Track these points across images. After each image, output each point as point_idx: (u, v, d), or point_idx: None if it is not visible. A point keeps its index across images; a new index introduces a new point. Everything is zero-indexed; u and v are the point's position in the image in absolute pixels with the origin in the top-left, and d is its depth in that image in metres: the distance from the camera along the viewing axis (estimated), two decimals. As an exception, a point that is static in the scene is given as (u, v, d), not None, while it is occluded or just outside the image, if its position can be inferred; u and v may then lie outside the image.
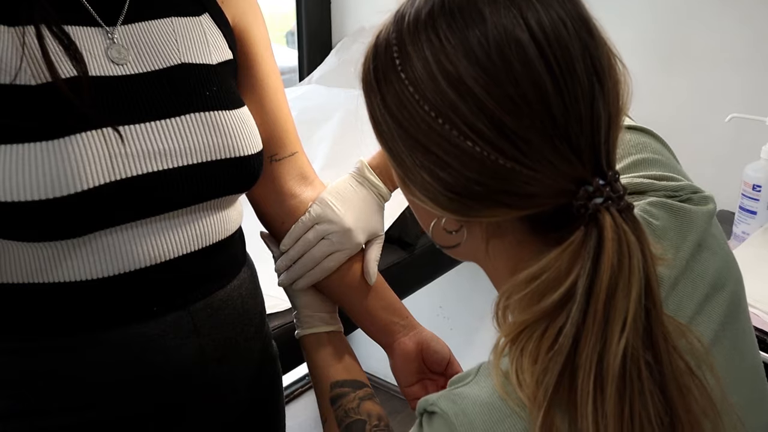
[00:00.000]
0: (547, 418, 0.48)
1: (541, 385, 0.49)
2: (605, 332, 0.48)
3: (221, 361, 0.79)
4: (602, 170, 0.51)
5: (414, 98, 0.52)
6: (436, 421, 0.53)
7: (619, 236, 0.49)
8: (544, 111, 0.49)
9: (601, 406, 0.48)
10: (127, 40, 0.73)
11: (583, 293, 0.49)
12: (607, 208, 0.50)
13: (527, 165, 0.50)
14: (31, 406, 0.72)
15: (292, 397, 2.48)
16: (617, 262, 0.49)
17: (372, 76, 0.56)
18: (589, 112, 0.50)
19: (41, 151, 0.63)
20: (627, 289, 0.49)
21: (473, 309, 2.20)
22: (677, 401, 0.50)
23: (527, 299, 0.52)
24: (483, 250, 0.59)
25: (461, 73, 0.50)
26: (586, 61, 0.50)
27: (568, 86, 0.49)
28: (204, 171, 0.73)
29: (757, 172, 1.31)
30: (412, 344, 0.90)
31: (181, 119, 0.72)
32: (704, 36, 1.55)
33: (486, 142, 0.50)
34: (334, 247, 0.87)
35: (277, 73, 0.89)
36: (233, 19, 0.84)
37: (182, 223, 0.74)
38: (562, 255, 0.50)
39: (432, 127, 0.51)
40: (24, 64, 0.64)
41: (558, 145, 0.49)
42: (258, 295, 0.89)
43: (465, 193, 0.52)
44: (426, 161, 0.53)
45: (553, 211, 0.52)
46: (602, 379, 0.48)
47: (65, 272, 0.69)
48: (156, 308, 0.73)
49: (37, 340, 0.71)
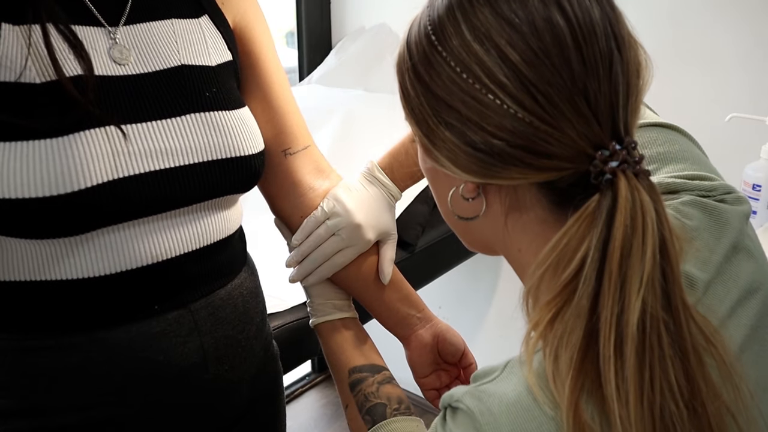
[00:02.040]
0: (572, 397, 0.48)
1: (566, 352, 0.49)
2: (622, 293, 0.49)
3: (222, 360, 0.79)
4: (619, 135, 0.52)
5: (441, 56, 0.54)
6: (461, 417, 0.53)
7: (634, 197, 0.49)
8: (563, 64, 0.50)
9: (621, 369, 0.48)
10: (129, 40, 0.73)
11: (596, 254, 0.49)
12: (623, 171, 0.50)
13: (546, 120, 0.50)
14: (31, 405, 0.72)
15: (293, 397, 2.48)
16: (630, 222, 0.49)
17: (405, 50, 0.58)
18: (608, 72, 0.51)
19: (45, 148, 0.63)
20: (642, 248, 0.49)
21: (473, 309, 2.20)
22: (696, 370, 0.50)
23: (551, 275, 0.51)
24: (502, 225, 0.58)
25: (488, 28, 0.52)
26: (606, 27, 0.52)
27: (588, 44, 0.51)
28: (205, 170, 0.73)
29: (757, 172, 1.32)
30: (429, 336, 0.90)
31: (182, 119, 0.72)
32: (704, 36, 1.55)
33: (506, 93, 0.51)
34: (343, 243, 0.87)
35: (282, 70, 0.89)
36: (234, 20, 0.84)
37: (183, 222, 0.74)
38: (578, 221, 0.50)
39: (456, 82, 0.53)
40: (29, 63, 0.64)
41: (576, 102, 0.50)
42: (259, 294, 0.89)
43: (484, 148, 0.52)
44: (449, 118, 0.54)
45: (573, 181, 0.52)
46: (622, 342, 0.48)
47: (66, 270, 0.69)
48: (157, 306, 0.74)
49: (37, 338, 0.71)
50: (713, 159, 0.68)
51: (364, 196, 0.88)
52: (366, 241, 0.87)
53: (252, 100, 0.85)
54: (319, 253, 0.87)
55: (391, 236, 0.91)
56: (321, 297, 0.90)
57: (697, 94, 1.58)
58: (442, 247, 1.53)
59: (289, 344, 1.11)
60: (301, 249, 0.88)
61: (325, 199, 0.87)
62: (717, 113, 1.49)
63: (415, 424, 0.80)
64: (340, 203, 0.86)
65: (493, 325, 2.17)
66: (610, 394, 0.48)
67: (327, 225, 0.86)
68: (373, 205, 0.88)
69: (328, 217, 0.86)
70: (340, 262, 0.88)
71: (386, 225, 0.90)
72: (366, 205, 0.88)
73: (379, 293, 0.90)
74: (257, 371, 0.87)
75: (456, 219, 0.61)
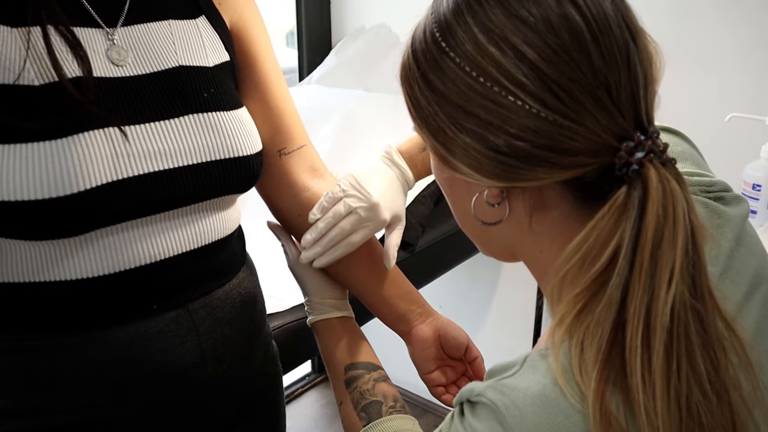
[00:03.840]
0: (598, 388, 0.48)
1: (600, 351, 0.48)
2: (652, 283, 0.48)
3: (221, 359, 0.79)
4: (643, 125, 0.51)
5: (455, 62, 0.53)
6: (482, 410, 0.52)
7: (664, 185, 0.49)
8: (583, 59, 0.50)
9: (647, 360, 0.48)
10: (127, 41, 0.73)
11: (629, 244, 0.49)
12: (650, 161, 0.50)
13: (569, 116, 0.50)
14: (30, 406, 0.72)
15: (293, 397, 2.48)
16: (662, 211, 0.49)
17: (411, 59, 0.57)
18: (626, 63, 0.51)
19: (44, 150, 0.63)
20: (673, 237, 0.49)
21: (473, 309, 2.20)
22: (721, 359, 0.50)
23: (577, 269, 0.51)
24: (526, 228, 0.58)
25: (502, 28, 0.51)
26: (619, 19, 0.52)
27: (605, 36, 0.51)
28: (204, 171, 0.73)
29: (757, 172, 1.32)
30: (430, 331, 0.90)
31: (180, 120, 0.72)
32: (704, 36, 1.55)
33: (527, 93, 0.50)
34: (361, 222, 0.86)
35: (279, 70, 0.89)
36: (231, 20, 0.84)
37: (182, 223, 0.74)
38: (608, 214, 0.50)
39: (473, 87, 0.52)
40: (27, 64, 0.64)
41: (599, 95, 0.50)
42: (258, 294, 0.89)
43: (508, 152, 0.52)
44: (468, 124, 0.53)
45: (597, 175, 0.52)
46: (649, 333, 0.48)
47: (66, 271, 0.69)
48: (156, 306, 0.74)
49: (36, 338, 0.71)
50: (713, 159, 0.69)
51: (382, 176, 0.88)
52: (382, 220, 0.86)
53: (249, 100, 0.85)
54: (337, 230, 0.85)
55: (400, 221, 0.90)
56: (318, 295, 0.90)
57: (697, 94, 1.58)
58: (442, 247, 1.53)
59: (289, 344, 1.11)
60: (319, 226, 0.86)
61: (343, 178, 0.87)
62: (717, 113, 1.49)
63: (410, 423, 0.80)
64: (358, 181, 0.86)
65: (494, 324, 2.17)
66: (635, 385, 0.48)
67: (345, 202, 0.85)
68: (389, 186, 0.88)
69: (346, 195, 0.85)
70: (357, 241, 0.86)
71: (399, 208, 0.89)
72: (383, 186, 0.87)
73: (378, 289, 0.90)
74: (257, 371, 0.87)
75: (477, 226, 0.60)
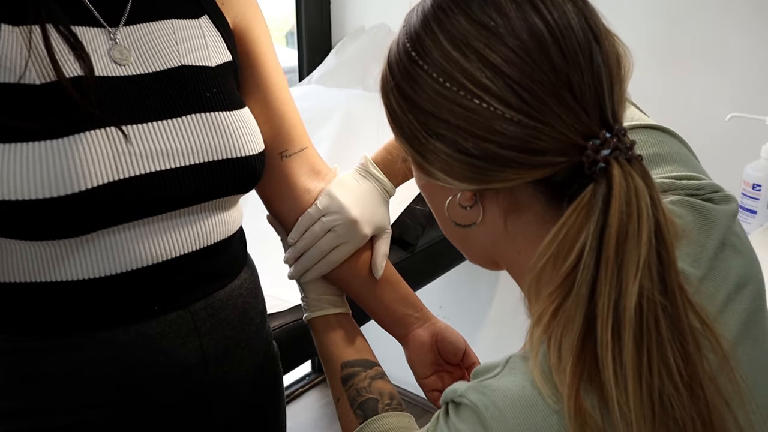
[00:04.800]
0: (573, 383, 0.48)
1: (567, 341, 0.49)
2: (620, 278, 0.49)
3: (222, 360, 0.79)
4: (608, 123, 0.52)
5: (423, 69, 0.55)
6: (464, 412, 0.53)
7: (627, 182, 0.50)
8: (544, 59, 0.51)
9: (619, 354, 0.48)
10: (129, 41, 0.73)
11: (594, 242, 0.50)
12: (615, 158, 0.50)
13: (534, 117, 0.51)
14: (31, 406, 0.72)
15: (293, 398, 2.48)
16: (626, 207, 0.49)
17: (387, 70, 0.59)
18: (589, 64, 0.52)
19: (46, 150, 0.63)
20: (637, 232, 0.49)
21: (473, 309, 2.20)
22: (694, 353, 0.50)
23: (551, 267, 0.52)
24: (501, 230, 0.59)
25: (465, 35, 0.53)
26: (581, 20, 0.53)
27: (565, 38, 0.52)
28: (206, 171, 0.73)
29: (757, 171, 1.32)
30: (427, 335, 0.90)
31: (182, 120, 0.72)
32: (704, 35, 1.55)
33: (492, 95, 0.51)
34: (339, 240, 0.86)
35: (281, 71, 0.89)
36: (233, 20, 0.84)
37: (184, 223, 0.74)
38: (575, 212, 0.51)
39: (441, 93, 0.54)
40: (29, 64, 0.64)
41: (562, 95, 0.51)
42: (258, 295, 0.89)
43: (477, 154, 0.53)
44: (439, 129, 0.54)
45: (567, 174, 0.52)
46: (619, 327, 0.49)
47: (67, 271, 0.69)
48: (157, 307, 0.73)
49: (37, 339, 0.71)
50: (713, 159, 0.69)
51: (359, 191, 0.88)
52: (362, 236, 0.87)
53: (251, 101, 0.85)
54: (315, 250, 0.87)
55: (385, 231, 0.91)
56: (315, 292, 0.90)
57: (697, 94, 1.58)
58: (442, 247, 1.53)
59: (289, 344, 1.11)
60: (297, 246, 0.88)
61: (320, 196, 0.87)
62: (717, 113, 1.49)
63: (406, 420, 0.80)
64: (334, 200, 0.86)
65: (493, 325, 2.17)
66: (608, 380, 0.48)
67: (322, 222, 0.86)
68: (367, 200, 0.88)
69: (323, 214, 0.86)
70: (337, 259, 0.88)
71: (381, 220, 0.90)
72: (361, 201, 0.87)
73: (375, 293, 0.90)
74: (257, 372, 0.87)
75: (458, 231, 0.61)
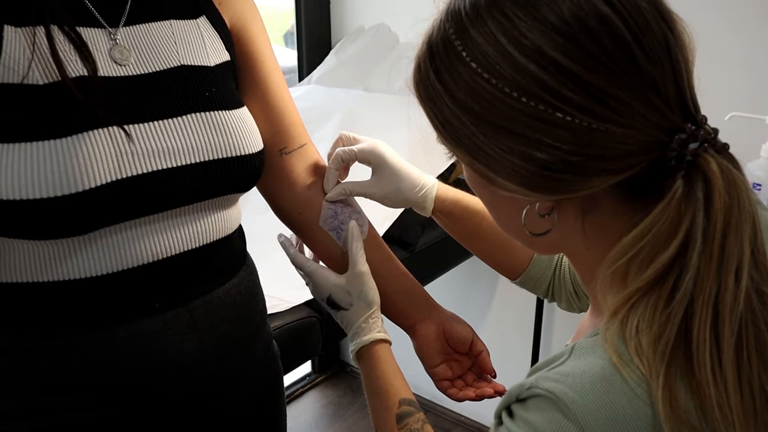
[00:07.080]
0: (666, 383, 0.47)
1: (660, 343, 0.48)
2: (719, 275, 0.48)
3: (221, 358, 0.79)
4: (692, 115, 0.51)
5: (491, 83, 0.51)
6: (537, 403, 0.50)
7: (725, 174, 0.49)
8: (628, 63, 0.49)
9: (717, 354, 0.47)
10: (129, 41, 0.73)
11: (698, 234, 0.48)
12: (705, 151, 0.49)
13: (620, 123, 0.49)
14: (32, 405, 0.72)
15: (293, 397, 2.48)
16: (728, 200, 0.48)
17: (433, 77, 0.55)
18: (668, 57, 0.50)
19: (49, 149, 0.63)
20: (739, 227, 0.48)
21: (473, 309, 2.20)
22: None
23: (638, 262, 0.50)
24: (579, 230, 0.57)
25: (538, 43, 0.49)
26: (652, 10, 0.51)
27: (645, 34, 0.49)
28: (206, 169, 0.73)
29: (757, 171, 1.32)
30: (434, 325, 0.90)
31: (183, 119, 0.72)
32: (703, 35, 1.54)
33: (575, 108, 0.49)
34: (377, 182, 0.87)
35: (279, 70, 0.89)
36: (231, 20, 0.84)
37: (184, 221, 0.74)
38: (668, 207, 0.49)
39: (515, 108, 0.50)
40: (32, 64, 0.64)
41: (648, 96, 0.49)
42: (258, 294, 0.89)
43: (562, 167, 0.50)
44: (514, 145, 0.51)
45: (646, 170, 0.51)
46: (717, 326, 0.47)
47: (68, 270, 0.69)
48: (157, 305, 0.74)
49: (37, 338, 0.71)
50: (713, 158, 0.69)
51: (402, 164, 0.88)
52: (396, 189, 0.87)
53: (249, 100, 0.85)
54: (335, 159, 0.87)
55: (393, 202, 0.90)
56: (378, 305, 0.84)
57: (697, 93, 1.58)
58: (442, 247, 1.53)
59: (289, 344, 1.11)
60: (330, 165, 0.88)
61: None
62: (717, 112, 1.48)
63: None
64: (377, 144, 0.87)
65: (493, 325, 2.17)
66: (705, 379, 0.47)
67: None
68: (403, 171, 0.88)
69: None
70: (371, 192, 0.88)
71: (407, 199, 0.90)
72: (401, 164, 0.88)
73: (382, 285, 0.90)
74: (257, 371, 0.87)
75: (525, 234, 0.59)
